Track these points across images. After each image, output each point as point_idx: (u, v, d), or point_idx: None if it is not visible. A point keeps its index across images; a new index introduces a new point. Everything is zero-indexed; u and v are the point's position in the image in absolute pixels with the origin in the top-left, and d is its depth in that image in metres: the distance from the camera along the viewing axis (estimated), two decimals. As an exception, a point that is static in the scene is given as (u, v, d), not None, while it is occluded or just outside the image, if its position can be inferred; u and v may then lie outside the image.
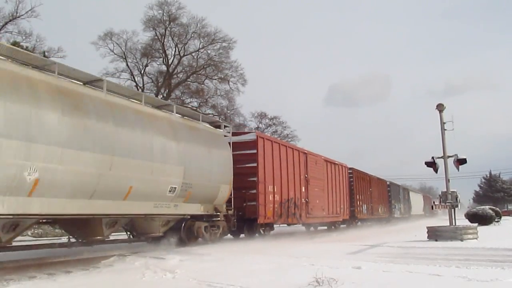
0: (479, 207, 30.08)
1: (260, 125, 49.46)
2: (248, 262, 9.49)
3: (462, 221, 23.55)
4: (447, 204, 16.72)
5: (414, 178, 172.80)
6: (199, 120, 13.77)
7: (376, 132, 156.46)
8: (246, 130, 18.86)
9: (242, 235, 16.16)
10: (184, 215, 12.54)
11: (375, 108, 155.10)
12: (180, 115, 12.93)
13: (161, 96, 44.82)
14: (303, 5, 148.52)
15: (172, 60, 44.81)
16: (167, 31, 43.88)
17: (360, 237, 18.67)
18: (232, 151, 14.49)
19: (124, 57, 43.42)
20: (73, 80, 9.65)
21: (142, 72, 44.47)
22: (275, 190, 16.61)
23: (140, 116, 10.95)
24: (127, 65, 43.71)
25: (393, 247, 13.25)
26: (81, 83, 9.86)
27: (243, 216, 15.15)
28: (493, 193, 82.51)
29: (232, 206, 14.46)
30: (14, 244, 9.54)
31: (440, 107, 16.99)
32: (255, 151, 15.68)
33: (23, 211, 8.08)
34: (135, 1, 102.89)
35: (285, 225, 19.20)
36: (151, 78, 45.19)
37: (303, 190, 19.14)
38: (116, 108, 10.28)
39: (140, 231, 12.16)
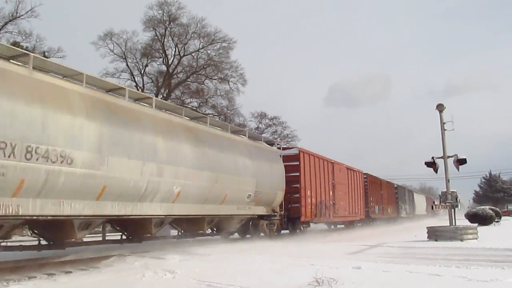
0: (479, 207, 30.08)
1: (260, 125, 49.43)
2: (248, 262, 9.49)
3: (462, 221, 23.55)
4: (447, 204, 16.72)
5: (414, 178, 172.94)
6: (261, 141, 17.70)
7: (376, 132, 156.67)
8: (290, 146, 23.65)
9: (286, 231, 19.03)
10: (253, 215, 15.98)
11: (375, 108, 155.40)
12: (248, 138, 16.60)
13: (161, 96, 44.80)
14: (304, 5, 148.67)
15: (172, 60, 44.76)
16: (167, 31, 43.82)
17: (364, 236, 18.76)
18: None
19: (124, 57, 43.34)
20: (187, 118, 13.26)
21: (142, 72, 44.40)
22: (312, 194, 19.90)
23: (229, 142, 14.74)
24: (127, 65, 43.64)
25: (393, 247, 13.25)
26: (190, 119, 13.47)
27: (288, 215, 18.21)
28: (493, 193, 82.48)
29: (283, 208, 17.74)
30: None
31: (440, 107, 17.00)
32: (297, 163, 18.99)
33: (168, 212, 11.56)
34: (135, 1, 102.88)
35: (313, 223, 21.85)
36: (151, 78, 45.12)
37: (331, 193, 22.58)
38: (217, 137, 14.12)
39: (222, 228, 15.67)
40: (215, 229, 15.71)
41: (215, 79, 45.78)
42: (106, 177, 9.37)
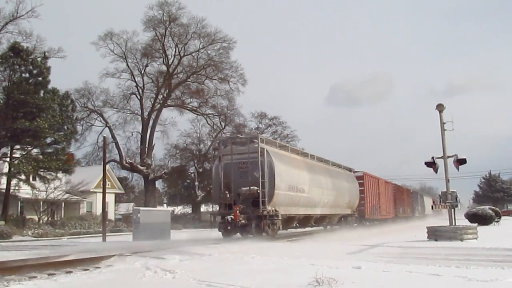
0: (479, 207, 30.10)
1: (260, 125, 49.47)
2: (248, 262, 9.50)
3: (462, 221, 23.56)
4: (447, 204, 16.72)
5: (414, 178, 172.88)
6: (347, 169, 29.67)
7: (377, 131, 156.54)
8: (357, 170, 33.66)
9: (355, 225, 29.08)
10: (345, 214, 27.00)
11: (376, 108, 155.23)
12: (343, 168, 28.70)
13: (162, 96, 44.86)
14: (305, 4, 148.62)
15: (172, 60, 44.80)
16: (167, 31, 43.83)
17: (367, 235, 18.76)
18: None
19: (124, 57, 43.39)
20: (327, 163, 26.18)
21: (142, 72, 44.44)
22: (369, 201, 31.44)
23: (338, 173, 26.78)
24: (127, 65, 43.69)
25: (393, 247, 13.26)
26: (329, 164, 26.27)
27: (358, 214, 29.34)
28: (493, 193, 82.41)
29: (356, 210, 28.72)
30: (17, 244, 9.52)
31: (440, 107, 16.99)
32: (362, 181, 30.76)
33: (321, 213, 23.09)
34: (135, 1, 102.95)
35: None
36: (151, 78, 45.18)
37: (377, 199, 33.93)
38: (335, 172, 26.37)
39: (332, 222, 26.24)
40: (324, 223, 25.95)
41: (215, 79, 45.83)
42: (310, 197, 21.24)
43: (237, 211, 16.70)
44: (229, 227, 17.25)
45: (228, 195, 17.44)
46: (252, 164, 17.64)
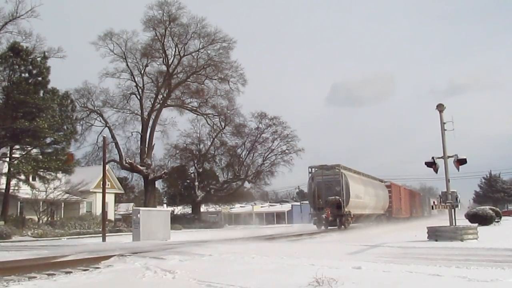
0: (479, 207, 30.08)
1: (260, 125, 49.41)
2: (248, 262, 9.49)
3: (462, 221, 23.54)
4: (447, 204, 16.70)
5: (414, 178, 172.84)
6: (380, 180, 41.55)
7: (377, 131, 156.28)
8: (385, 180, 44.05)
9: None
10: (380, 213, 37.58)
11: (376, 107, 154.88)
12: (378, 180, 40.85)
13: (161, 96, 44.83)
14: (306, 4, 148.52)
15: (172, 60, 44.75)
16: (167, 31, 43.79)
17: (369, 235, 18.73)
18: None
19: (124, 57, 43.33)
20: (371, 177, 39.24)
21: (142, 72, 44.37)
22: (394, 203, 41.16)
23: (376, 184, 38.49)
24: (127, 65, 43.63)
25: (393, 247, 13.25)
26: (371, 178, 38.53)
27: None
28: (493, 193, 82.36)
29: (385, 211, 38.81)
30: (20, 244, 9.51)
31: (440, 107, 16.96)
32: (390, 189, 41.25)
33: (370, 212, 35.21)
34: (135, 1, 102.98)
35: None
36: (151, 78, 45.12)
37: (399, 203, 43.89)
38: (374, 183, 38.38)
39: (370, 220, 35.18)
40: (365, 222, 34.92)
41: (215, 79, 45.79)
42: (364, 202, 32.69)
43: (329, 212, 28.02)
44: (323, 222, 28.61)
45: (320, 202, 29.11)
46: (335, 182, 29.42)
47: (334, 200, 28.57)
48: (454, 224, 16.37)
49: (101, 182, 24.85)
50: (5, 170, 29.13)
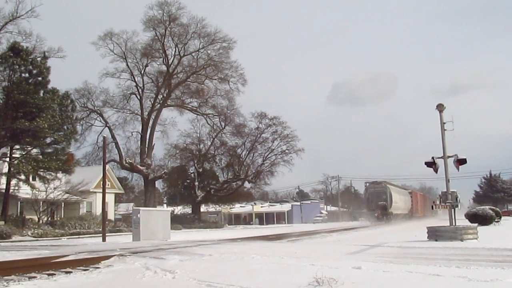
0: (479, 207, 30.07)
1: (260, 125, 49.41)
2: (248, 262, 9.49)
3: (462, 221, 23.54)
4: (447, 204, 16.70)
5: (414, 178, 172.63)
6: (405, 188, 62.44)
7: (378, 131, 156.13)
8: (407, 187, 63.69)
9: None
10: (405, 213, 54.46)
11: (377, 107, 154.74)
12: (405, 189, 61.94)
13: (161, 96, 44.85)
14: (307, 3, 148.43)
15: (172, 60, 44.76)
16: (167, 31, 43.79)
17: (370, 235, 18.72)
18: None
19: (124, 57, 43.35)
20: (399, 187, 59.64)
21: (142, 72, 44.39)
22: (414, 206, 58.54)
23: (403, 191, 57.71)
24: (127, 65, 43.64)
25: (393, 247, 13.25)
26: (398, 187, 58.40)
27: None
28: (493, 193, 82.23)
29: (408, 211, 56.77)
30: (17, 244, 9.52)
31: (440, 107, 16.97)
32: (411, 195, 59.90)
33: (400, 212, 52.56)
34: (135, 1, 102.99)
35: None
36: (151, 78, 45.13)
37: (417, 205, 60.13)
38: (402, 191, 57.64)
39: (398, 218, 49.46)
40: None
41: (215, 79, 45.80)
42: (398, 205, 50.12)
43: (379, 212, 45.66)
44: (374, 218, 45.21)
45: (372, 205, 47.22)
46: (383, 192, 47.08)
47: (382, 204, 46.03)
48: (454, 224, 16.37)
49: (101, 182, 24.85)
50: (5, 170, 29.13)
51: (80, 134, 39.84)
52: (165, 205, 58.60)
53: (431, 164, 16.93)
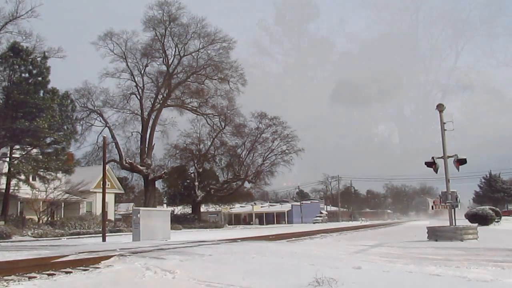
0: (479, 207, 30.08)
1: (260, 125, 49.40)
2: (248, 262, 9.48)
3: (462, 221, 23.54)
4: (447, 204, 16.70)
5: (414, 178, 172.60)
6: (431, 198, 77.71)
7: (378, 131, 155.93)
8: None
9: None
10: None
11: (377, 107, 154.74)
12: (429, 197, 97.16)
13: (161, 96, 44.83)
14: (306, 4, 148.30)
15: (172, 60, 44.79)
16: (167, 31, 43.82)
17: (370, 235, 18.71)
18: None
19: (124, 57, 43.36)
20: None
21: (142, 72, 44.41)
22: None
23: (428, 201, 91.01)
24: (127, 65, 43.67)
25: (393, 247, 13.24)
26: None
27: None
28: (493, 193, 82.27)
29: None
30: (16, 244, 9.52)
31: (440, 107, 16.97)
32: (433, 202, 51.48)
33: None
34: (135, 1, 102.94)
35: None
36: (151, 78, 45.16)
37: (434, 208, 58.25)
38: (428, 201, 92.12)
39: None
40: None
41: (215, 79, 45.78)
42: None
43: None
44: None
45: None
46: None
47: None
48: (454, 224, 16.37)
49: (101, 182, 24.83)
50: (5, 170, 29.12)
51: (80, 134, 39.89)
52: (165, 205, 58.57)
53: (431, 164, 16.93)
